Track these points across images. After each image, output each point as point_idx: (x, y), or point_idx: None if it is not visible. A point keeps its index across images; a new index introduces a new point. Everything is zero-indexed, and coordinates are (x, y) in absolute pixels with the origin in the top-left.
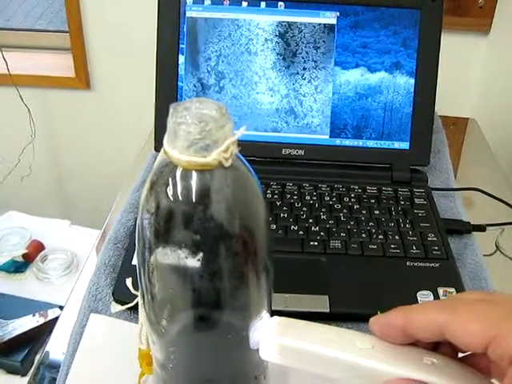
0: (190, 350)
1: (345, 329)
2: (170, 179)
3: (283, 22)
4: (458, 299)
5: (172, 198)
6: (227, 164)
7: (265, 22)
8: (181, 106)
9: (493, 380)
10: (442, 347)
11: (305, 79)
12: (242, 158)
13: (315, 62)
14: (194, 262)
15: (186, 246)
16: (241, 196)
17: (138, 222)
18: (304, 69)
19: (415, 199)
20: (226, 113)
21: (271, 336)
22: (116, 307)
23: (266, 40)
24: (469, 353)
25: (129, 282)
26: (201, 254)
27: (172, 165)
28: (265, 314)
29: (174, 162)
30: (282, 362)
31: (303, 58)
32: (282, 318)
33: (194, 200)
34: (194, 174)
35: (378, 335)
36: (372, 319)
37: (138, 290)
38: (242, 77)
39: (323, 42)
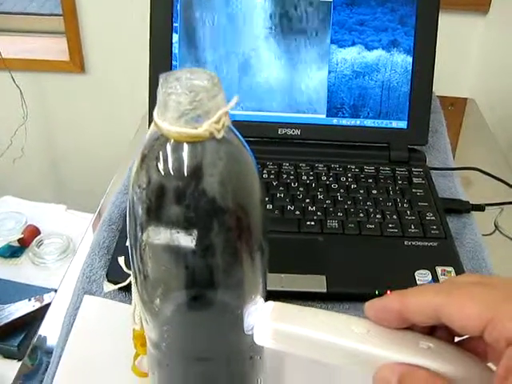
0: (184, 328)
1: (340, 313)
2: (161, 152)
3: None
4: (455, 282)
5: (163, 171)
6: (219, 136)
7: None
8: (171, 76)
9: (489, 364)
10: (438, 331)
11: (300, 57)
12: (235, 130)
13: (311, 39)
14: (186, 238)
15: (177, 220)
16: (234, 169)
17: (129, 198)
18: (300, 47)
19: (413, 178)
20: (218, 83)
21: (266, 321)
22: (108, 286)
23: (262, 17)
24: (465, 337)
25: (121, 260)
26: (193, 229)
27: (163, 138)
28: (259, 298)
29: (164, 134)
30: (276, 347)
31: (299, 35)
32: (277, 303)
33: (185, 172)
34: (186, 146)
35: (373, 319)
36: (367, 303)
37: (130, 269)
38: (237, 55)
39: (319, 19)
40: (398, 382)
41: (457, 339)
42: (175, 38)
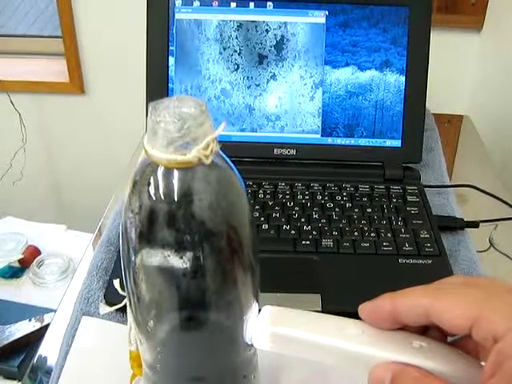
0: (177, 349)
1: (335, 316)
2: (152, 178)
3: (272, 22)
4: (443, 283)
5: (154, 197)
6: (208, 161)
7: (254, 22)
8: (159, 105)
9: (482, 363)
10: (430, 331)
11: (295, 79)
12: (224, 155)
13: (305, 61)
14: (177, 261)
15: (169, 244)
16: (223, 192)
17: (121, 222)
18: (294, 68)
19: (407, 196)
20: (206, 110)
21: (263, 325)
22: (104, 308)
23: (256, 40)
24: (457, 336)
25: (116, 282)
26: (184, 253)
27: (153, 164)
28: (255, 308)
29: (154, 160)
30: (274, 349)
31: (293, 57)
32: (274, 307)
33: (175, 198)
34: (175, 172)
35: (367, 321)
36: (361, 306)
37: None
38: (233, 77)
39: (313, 41)
40: (392, 380)
41: (449, 339)
42: (171, 61)
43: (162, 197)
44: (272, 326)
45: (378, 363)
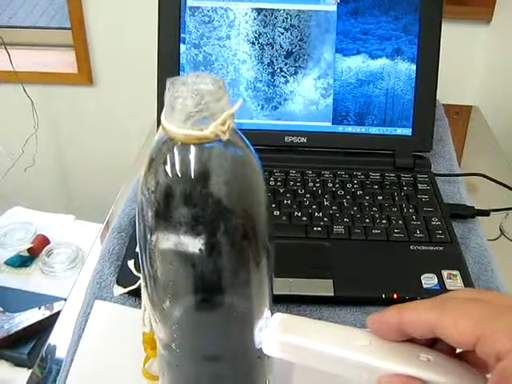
0: (193, 328)
1: (344, 326)
2: (169, 155)
3: (284, 9)
4: (449, 298)
5: (170, 173)
6: (225, 137)
7: (266, 9)
8: (177, 81)
9: (488, 376)
10: (439, 343)
11: (306, 66)
12: (240, 132)
13: (316, 49)
14: (193, 238)
15: (185, 220)
16: (239, 169)
17: (137, 202)
18: (305, 56)
19: (418, 184)
20: (223, 86)
21: (273, 333)
22: (118, 290)
23: (267, 27)
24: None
25: (131, 263)
26: (200, 230)
27: (170, 140)
28: (267, 307)
29: (171, 136)
30: (283, 357)
31: (304, 45)
32: (284, 315)
33: (192, 174)
34: (192, 148)
35: (374, 332)
36: (369, 317)
37: (140, 272)
38: (244, 65)
39: (324, 29)
40: None
41: (458, 350)
42: (183, 48)
43: (179, 173)
44: (281, 334)
45: (384, 374)
